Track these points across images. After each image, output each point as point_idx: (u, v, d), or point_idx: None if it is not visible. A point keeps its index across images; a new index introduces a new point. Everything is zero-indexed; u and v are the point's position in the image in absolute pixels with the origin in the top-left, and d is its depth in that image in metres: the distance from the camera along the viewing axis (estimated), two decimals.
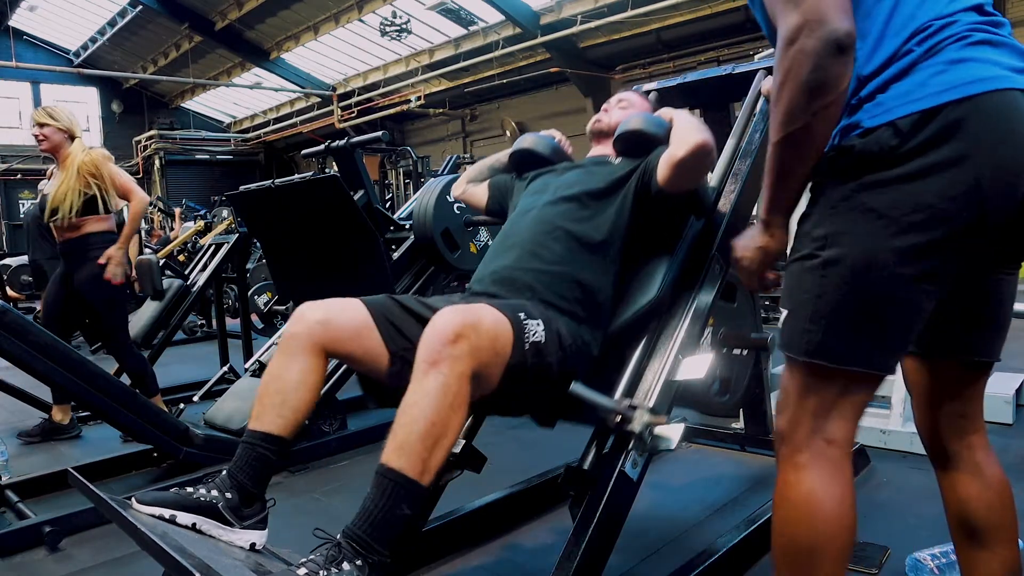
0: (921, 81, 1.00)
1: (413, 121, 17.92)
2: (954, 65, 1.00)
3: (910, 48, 1.02)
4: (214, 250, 4.46)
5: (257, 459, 1.35)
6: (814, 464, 1.09)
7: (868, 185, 1.02)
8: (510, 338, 1.32)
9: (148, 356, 4.13)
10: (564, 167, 1.84)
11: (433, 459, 1.17)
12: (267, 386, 1.39)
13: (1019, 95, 1.00)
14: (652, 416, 1.46)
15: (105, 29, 17.09)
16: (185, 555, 1.09)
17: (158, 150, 18.96)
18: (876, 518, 2.11)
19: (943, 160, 0.98)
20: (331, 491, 2.66)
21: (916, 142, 0.98)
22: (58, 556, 2.20)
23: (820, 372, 1.09)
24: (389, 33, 13.17)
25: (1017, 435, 2.84)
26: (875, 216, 1.01)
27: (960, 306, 1.18)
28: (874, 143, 1.01)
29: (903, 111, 0.99)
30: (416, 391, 1.19)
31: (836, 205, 1.05)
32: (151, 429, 2.70)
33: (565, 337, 1.47)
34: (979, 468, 1.24)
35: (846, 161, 1.03)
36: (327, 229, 3.10)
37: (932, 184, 0.98)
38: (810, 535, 1.08)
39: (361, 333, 1.42)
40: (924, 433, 1.31)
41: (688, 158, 1.55)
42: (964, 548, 1.25)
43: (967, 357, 1.23)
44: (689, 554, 1.83)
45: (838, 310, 1.05)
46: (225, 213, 9.27)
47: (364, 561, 1.12)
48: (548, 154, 1.92)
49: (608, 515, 1.43)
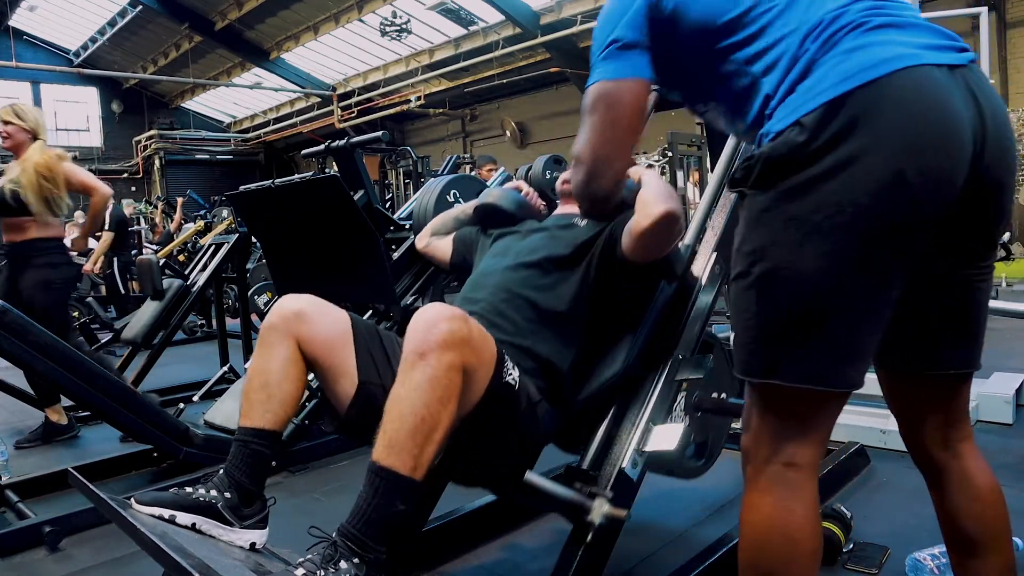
0: (822, 75, 0.96)
1: (413, 121, 17.92)
2: (854, 52, 0.96)
3: (806, 47, 0.99)
4: (214, 250, 4.46)
5: (251, 456, 1.34)
6: (774, 488, 1.05)
7: (787, 192, 0.97)
8: (493, 358, 1.28)
9: (148, 356, 4.13)
10: (528, 229, 1.74)
11: (425, 454, 1.15)
12: (251, 381, 1.38)
13: (933, 70, 0.94)
14: (612, 508, 1.38)
15: (105, 29, 17.09)
16: (185, 555, 1.09)
17: (158, 150, 18.95)
18: (876, 518, 2.11)
19: (856, 151, 0.92)
20: (331, 491, 2.66)
21: (825, 137, 0.93)
22: (58, 556, 2.20)
23: (774, 393, 1.04)
24: (389, 33, 13.16)
25: (1017, 435, 2.84)
26: (799, 223, 0.96)
27: (928, 316, 1.12)
28: (782, 145, 0.97)
29: (807, 108, 0.96)
30: (404, 384, 1.16)
31: (759, 217, 1.01)
32: (151, 429, 2.70)
33: (533, 395, 1.42)
34: (969, 477, 1.18)
35: (761, 168, 0.99)
36: (327, 229, 3.09)
37: (850, 179, 0.92)
38: (768, 559, 1.05)
39: (335, 344, 1.39)
40: (909, 447, 1.25)
41: (653, 229, 1.45)
42: (957, 556, 1.22)
43: (943, 371, 1.16)
44: (689, 554, 1.83)
45: (778, 326, 1.01)
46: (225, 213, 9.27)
47: (361, 559, 1.12)
48: (513, 210, 1.82)
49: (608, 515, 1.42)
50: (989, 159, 0.97)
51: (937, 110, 0.93)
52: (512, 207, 1.82)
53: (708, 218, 1.77)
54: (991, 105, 0.98)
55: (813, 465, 1.06)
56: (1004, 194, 1.02)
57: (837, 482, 2.38)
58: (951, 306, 1.11)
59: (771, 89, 1.03)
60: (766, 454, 1.06)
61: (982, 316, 1.14)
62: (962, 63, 0.98)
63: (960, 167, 0.95)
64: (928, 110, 0.93)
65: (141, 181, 19.97)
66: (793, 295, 0.98)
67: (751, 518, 1.07)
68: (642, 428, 1.49)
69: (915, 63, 0.94)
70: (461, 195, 3.04)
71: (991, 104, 0.98)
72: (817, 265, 0.96)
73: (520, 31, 12.39)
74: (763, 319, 1.02)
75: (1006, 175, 1.01)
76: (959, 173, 0.95)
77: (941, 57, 0.96)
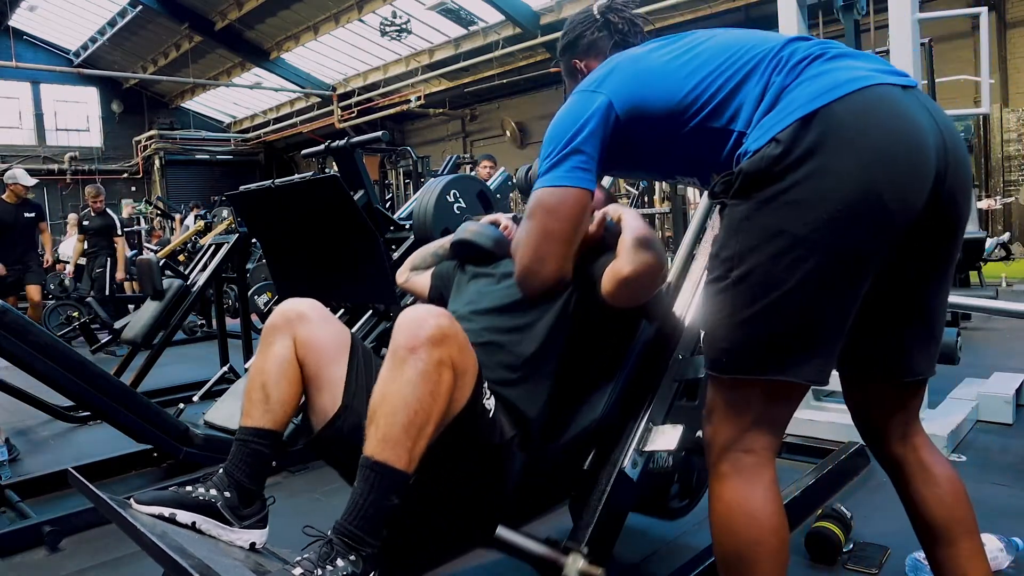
0: (792, 98, 1.06)
1: (413, 121, 17.92)
2: (819, 76, 1.07)
3: (773, 81, 1.11)
4: (214, 250, 4.46)
5: (251, 455, 1.34)
6: (734, 474, 1.13)
7: (765, 201, 1.05)
8: (475, 375, 1.25)
9: (148, 356, 4.13)
10: (501, 274, 1.65)
11: (417, 448, 1.15)
12: (252, 381, 1.38)
13: (893, 88, 1.05)
14: (587, 564, 1.33)
15: (105, 29, 17.09)
16: (184, 555, 1.09)
17: (158, 150, 18.95)
18: (876, 518, 2.11)
19: (828, 162, 1.01)
20: (331, 491, 2.66)
21: (799, 150, 1.02)
22: (58, 556, 2.20)
23: (737, 385, 1.12)
24: (389, 33, 13.17)
25: (1017, 435, 2.84)
26: (774, 230, 1.04)
27: (893, 324, 1.19)
28: (759, 160, 1.05)
29: (781, 125, 1.05)
30: (395, 379, 1.15)
31: (739, 226, 1.08)
32: (151, 429, 2.70)
33: (506, 432, 1.37)
34: (927, 468, 1.25)
35: (741, 181, 1.07)
36: (327, 229, 3.10)
37: (823, 188, 1.00)
38: (735, 543, 1.11)
39: (328, 354, 1.37)
40: (869, 445, 1.33)
41: (634, 277, 1.39)
42: (930, 549, 1.26)
43: (900, 379, 1.23)
44: (689, 554, 1.83)
45: (748, 326, 1.09)
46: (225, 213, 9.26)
47: (357, 555, 1.12)
48: (490, 247, 1.74)
49: (608, 515, 1.42)
50: (951, 172, 1.06)
51: (902, 122, 1.03)
52: (489, 244, 1.74)
53: (692, 252, 1.78)
54: (946, 122, 1.08)
55: (770, 449, 1.14)
56: (962, 204, 1.10)
57: (837, 482, 2.38)
58: (914, 313, 1.18)
59: (743, 126, 1.13)
60: (726, 442, 1.14)
61: (942, 319, 1.22)
62: (912, 85, 1.09)
63: (927, 176, 1.03)
64: (895, 123, 1.02)
65: (141, 181, 19.97)
66: (764, 299, 1.06)
67: (716, 506, 1.15)
68: (642, 427, 1.49)
69: (877, 82, 1.04)
70: (461, 195, 3.05)
71: (946, 121, 1.08)
72: (791, 270, 1.03)
73: (520, 31, 12.40)
74: (736, 318, 1.09)
75: (964, 188, 1.10)
76: (926, 182, 1.03)
77: (895, 79, 1.07)
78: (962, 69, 7.49)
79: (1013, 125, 9.84)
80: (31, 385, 3.11)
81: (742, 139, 1.13)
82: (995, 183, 9.89)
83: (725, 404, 1.15)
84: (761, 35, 1.20)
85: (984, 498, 2.16)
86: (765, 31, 1.25)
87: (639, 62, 1.27)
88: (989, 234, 7.29)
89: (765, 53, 1.15)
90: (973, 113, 9.85)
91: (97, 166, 19.15)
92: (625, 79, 1.26)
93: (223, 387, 3.61)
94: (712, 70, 1.17)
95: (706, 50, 1.21)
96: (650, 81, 1.23)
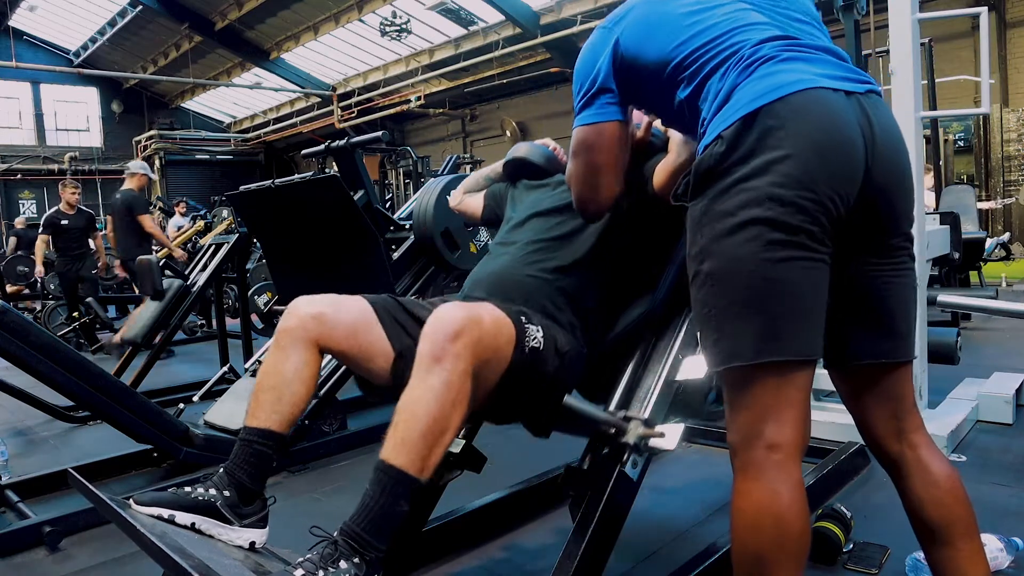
0: (738, 98, 1.14)
1: (413, 121, 17.93)
2: (764, 78, 1.14)
3: (728, 76, 1.17)
4: (214, 250, 4.46)
5: (255, 456, 1.34)
6: (763, 473, 1.13)
7: (716, 196, 1.13)
8: (512, 338, 1.32)
9: (148, 356, 4.14)
10: (557, 180, 1.82)
11: (433, 456, 1.17)
12: (262, 382, 1.38)
13: (828, 92, 1.12)
14: (646, 428, 1.44)
15: (105, 29, 17.09)
16: (184, 555, 1.09)
17: (158, 150, 18.94)
18: (876, 518, 2.11)
19: (770, 155, 1.09)
20: (331, 491, 2.66)
21: (743, 146, 1.10)
22: (58, 556, 2.21)
23: (742, 376, 1.14)
24: (389, 33, 13.17)
25: (1017, 435, 2.84)
26: (730, 219, 1.11)
27: (849, 306, 1.22)
28: (707, 157, 1.14)
29: (726, 123, 1.13)
30: (418, 387, 1.18)
31: (700, 221, 1.16)
32: (151, 429, 2.70)
33: (562, 345, 1.45)
34: (925, 467, 1.25)
35: (693, 179, 1.16)
36: (327, 229, 3.10)
37: (766, 178, 1.08)
38: (761, 543, 1.12)
39: (358, 329, 1.41)
40: (867, 440, 1.34)
41: (685, 166, 1.49)
42: (929, 549, 1.26)
43: (869, 362, 1.26)
44: (689, 554, 1.83)
45: (731, 313, 1.13)
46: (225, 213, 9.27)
47: (361, 558, 1.12)
48: (542, 163, 1.90)
49: (608, 515, 1.42)
50: (877, 169, 1.13)
51: (832, 122, 1.11)
52: (541, 161, 1.91)
53: None
54: (882, 124, 1.15)
55: (794, 445, 1.15)
56: (895, 199, 1.17)
57: (837, 482, 2.38)
58: (863, 298, 1.23)
59: (706, 114, 1.20)
60: (747, 440, 1.15)
61: (901, 309, 1.24)
62: (858, 91, 1.15)
63: (855, 170, 1.11)
64: (825, 121, 1.11)
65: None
66: (736, 283, 1.12)
67: (741, 504, 1.15)
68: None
69: (814, 85, 1.12)
70: None
71: (882, 123, 1.15)
72: (751, 253, 1.09)
73: (520, 31, 12.39)
74: (717, 310, 1.14)
75: (894, 183, 1.17)
76: (855, 174, 1.11)
77: (837, 84, 1.14)
78: (962, 69, 7.50)
79: (1013, 125, 9.84)
80: (31, 385, 3.11)
81: (704, 127, 1.19)
82: (995, 183, 9.90)
83: (737, 399, 1.16)
84: (753, 22, 1.22)
85: (984, 498, 2.16)
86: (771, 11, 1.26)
87: (656, 4, 1.30)
88: (989, 234, 7.28)
89: (741, 45, 1.19)
90: (973, 113, 9.87)
91: (97, 166, 19.15)
92: (636, 21, 1.31)
93: (223, 387, 3.61)
94: (705, 43, 1.22)
95: (713, 15, 1.24)
96: (654, 31, 1.28)
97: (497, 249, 1.70)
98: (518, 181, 1.93)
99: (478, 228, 3.18)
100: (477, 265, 1.72)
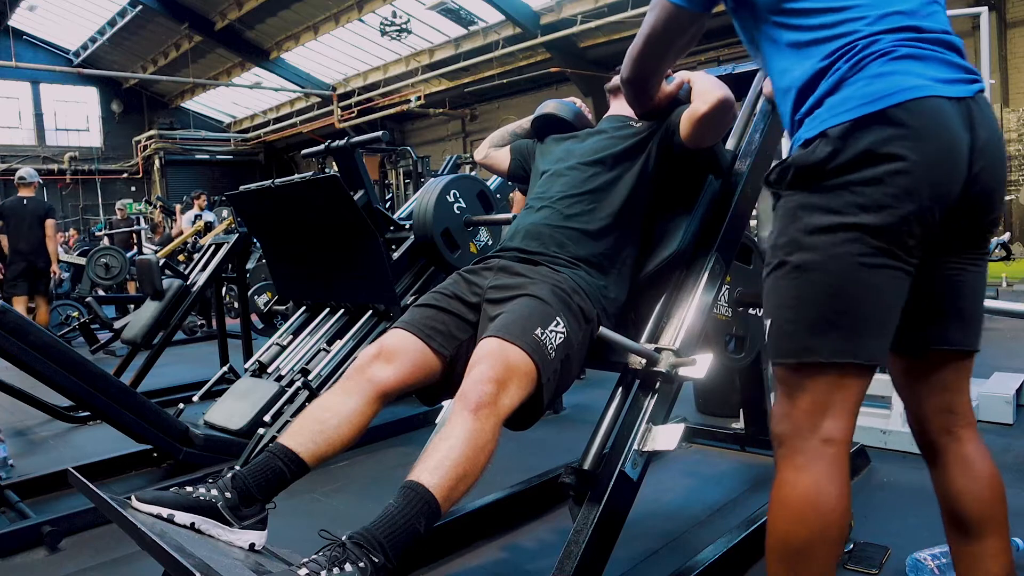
0: (849, 95, 1.11)
1: (413, 121, 17.93)
2: (878, 79, 1.10)
3: (838, 67, 1.13)
4: (214, 250, 4.46)
5: (273, 471, 1.35)
6: (813, 464, 1.13)
7: (819, 191, 1.12)
8: (534, 376, 1.41)
9: (148, 356, 4.13)
10: (586, 133, 1.90)
11: (456, 491, 1.24)
12: (313, 411, 1.44)
13: (943, 101, 1.10)
14: (677, 357, 1.51)
15: (105, 29, 17.11)
16: (184, 555, 1.09)
17: (158, 150, 18.97)
18: (876, 518, 2.11)
19: (887, 168, 1.07)
20: (331, 491, 2.65)
21: (854, 149, 1.09)
22: (58, 556, 2.20)
23: (809, 371, 1.14)
24: (389, 33, 13.18)
25: (1017, 435, 2.84)
26: (833, 216, 1.10)
27: (927, 299, 1.22)
28: (811, 153, 1.12)
29: (833, 121, 1.11)
30: (457, 428, 1.28)
31: (794, 213, 1.15)
32: (151, 429, 2.70)
33: (588, 310, 1.56)
34: (968, 462, 1.25)
35: (794, 173, 1.15)
36: (327, 229, 3.10)
37: (882, 188, 1.08)
38: (806, 534, 1.11)
39: (417, 363, 1.50)
40: (914, 429, 1.34)
41: (710, 113, 1.61)
42: (955, 541, 1.27)
43: (941, 347, 1.26)
44: (689, 554, 1.83)
45: (814, 308, 1.13)
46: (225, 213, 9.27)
47: (368, 562, 1.11)
48: (570, 119, 1.98)
49: (608, 515, 1.43)
50: (977, 177, 1.13)
51: (947, 138, 1.09)
52: (569, 116, 1.98)
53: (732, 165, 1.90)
54: (986, 130, 1.14)
55: (847, 440, 1.15)
56: (991, 201, 1.18)
57: None
58: (940, 291, 1.23)
59: (801, 86, 1.17)
60: (803, 432, 1.14)
61: (973, 298, 1.25)
62: (967, 95, 1.12)
63: (958, 181, 1.11)
64: (942, 137, 1.09)
65: (141, 181, 19.98)
66: (827, 281, 1.11)
67: (785, 494, 1.14)
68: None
69: (929, 94, 1.09)
70: (461, 195, 3.04)
71: (986, 129, 1.14)
72: (848, 254, 1.10)
73: (520, 31, 12.40)
74: (799, 302, 1.14)
75: (989, 190, 1.16)
76: (956, 185, 1.11)
77: (949, 90, 1.11)
78: None
79: (1013, 125, 9.84)
80: (31, 385, 3.11)
81: (797, 111, 1.18)
82: None
83: (799, 392, 1.16)
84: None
85: None
86: None
87: None
88: None
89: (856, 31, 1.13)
90: None
91: (97, 166, 19.17)
92: None
93: (223, 387, 3.60)
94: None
95: None
96: None
97: (535, 202, 1.78)
98: (545, 137, 2.00)
99: (478, 228, 3.17)
100: (518, 216, 1.80)
